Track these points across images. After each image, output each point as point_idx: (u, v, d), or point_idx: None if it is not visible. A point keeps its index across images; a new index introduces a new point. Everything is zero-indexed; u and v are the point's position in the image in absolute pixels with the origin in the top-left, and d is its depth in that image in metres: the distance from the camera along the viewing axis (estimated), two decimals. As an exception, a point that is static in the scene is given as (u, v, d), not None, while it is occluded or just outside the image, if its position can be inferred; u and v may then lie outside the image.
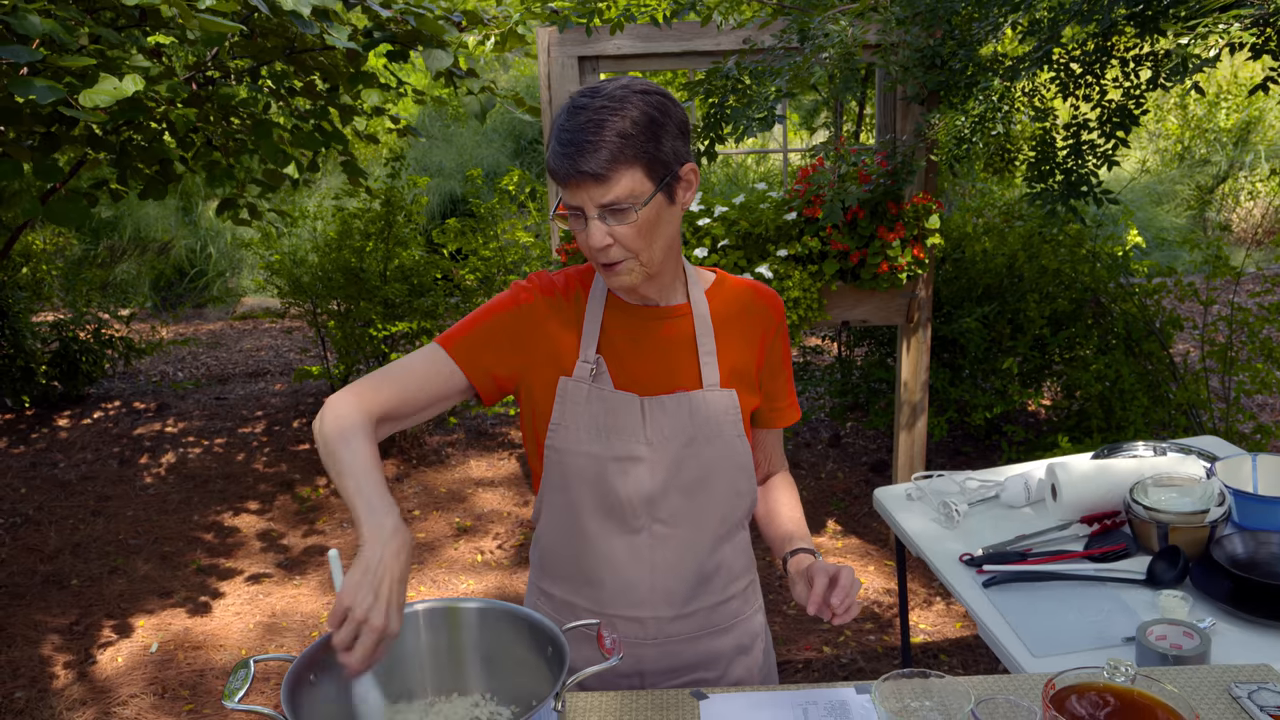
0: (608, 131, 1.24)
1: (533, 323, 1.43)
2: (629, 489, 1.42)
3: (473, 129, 9.55)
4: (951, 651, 3.18)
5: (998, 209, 4.87)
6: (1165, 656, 1.63)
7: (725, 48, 3.22)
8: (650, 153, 1.27)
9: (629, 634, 1.48)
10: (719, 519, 1.48)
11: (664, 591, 1.47)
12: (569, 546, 1.48)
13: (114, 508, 4.58)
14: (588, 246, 1.31)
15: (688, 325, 1.46)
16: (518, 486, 4.70)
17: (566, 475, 1.44)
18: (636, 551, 1.45)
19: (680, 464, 1.42)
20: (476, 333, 1.42)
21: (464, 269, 5.15)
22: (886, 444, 4.93)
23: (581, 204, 1.28)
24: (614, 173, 1.25)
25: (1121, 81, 3.04)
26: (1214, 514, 1.98)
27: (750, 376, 1.49)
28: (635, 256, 1.33)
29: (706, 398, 1.44)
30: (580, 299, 1.46)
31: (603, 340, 1.44)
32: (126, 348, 6.18)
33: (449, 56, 3.50)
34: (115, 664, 3.33)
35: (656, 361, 1.44)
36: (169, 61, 3.83)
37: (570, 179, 1.26)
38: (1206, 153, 9.97)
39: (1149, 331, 4.13)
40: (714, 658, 1.54)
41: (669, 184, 1.31)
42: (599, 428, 1.41)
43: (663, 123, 1.28)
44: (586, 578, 1.48)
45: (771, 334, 1.51)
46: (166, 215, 8.66)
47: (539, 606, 1.57)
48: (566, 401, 1.42)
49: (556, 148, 1.27)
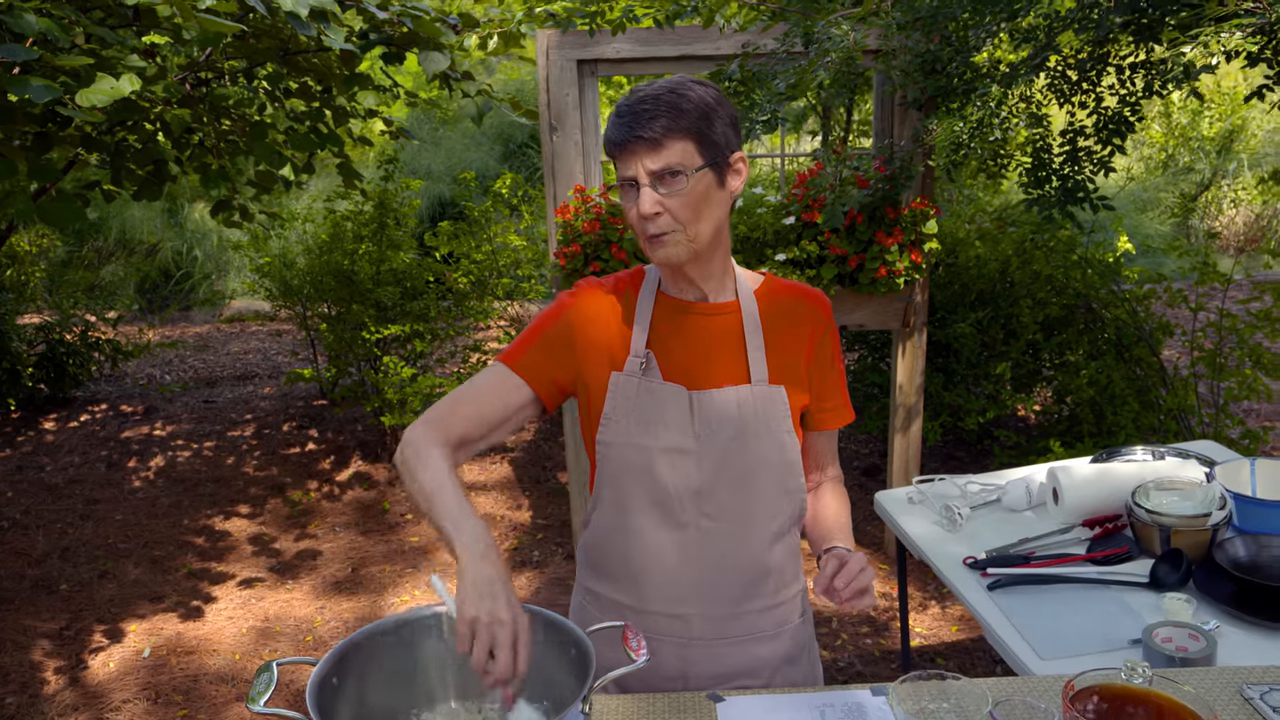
0: (663, 104, 1.31)
1: (583, 323, 1.47)
2: (676, 481, 1.44)
3: (461, 132, 9.53)
4: (949, 655, 3.19)
5: (990, 214, 4.91)
6: (1172, 659, 1.64)
7: (725, 52, 3.23)
8: (702, 130, 1.33)
9: (675, 633, 1.49)
10: (767, 516, 1.49)
11: (710, 589, 1.48)
12: (617, 543, 1.49)
13: (102, 511, 4.54)
14: (637, 217, 1.36)
15: (736, 322, 1.48)
16: (510, 490, 4.69)
17: (615, 469, 1.46)
18: (683, 547, 1.46)
19: (727, 458, 1.44)
20: (535, 345, 1.47)
21: (456, 272, 5.13)
22: (879, 448, 4.95)
23: (634, 173, 1.34)
24: (667, 139, 1.31)
25: (1118, 89, 3.07)
26: (1216, 517, 2.00)
27: (799, 374, 1.50)
28: (683, 229, 1.36)
29: (754, 393, 1.45)
30: (630, 298, 1.50)
31: (652, 335, 1.47)
32: (113, 350, 6.14)
33: (446, 59, 3.49)
34: (107, 669, 3.30)
35: (705, 356, 1.46)
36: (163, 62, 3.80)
37: (626, 144, 1.32)
38: (1190, 160, 10.08)
39: (1139, 337, 4.16)
40: (760, 665, 1.53)
41: (719, 165, 1.37)
42: (647, 420, 1.43)
43: (716, 108, 1.35)
44: (633, 575, 1.49)
45: (820, 333, 1.53)
46: (152, 217, 8.60)
47: (584, 607, 1.58)
48: (617, 395, 1.45)
49: (614, 120, 1.34)
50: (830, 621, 3.44)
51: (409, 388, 4.52)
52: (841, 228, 3.16)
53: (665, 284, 1.50)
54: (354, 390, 5.02)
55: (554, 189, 3.45)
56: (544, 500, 4.58)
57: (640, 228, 1.37)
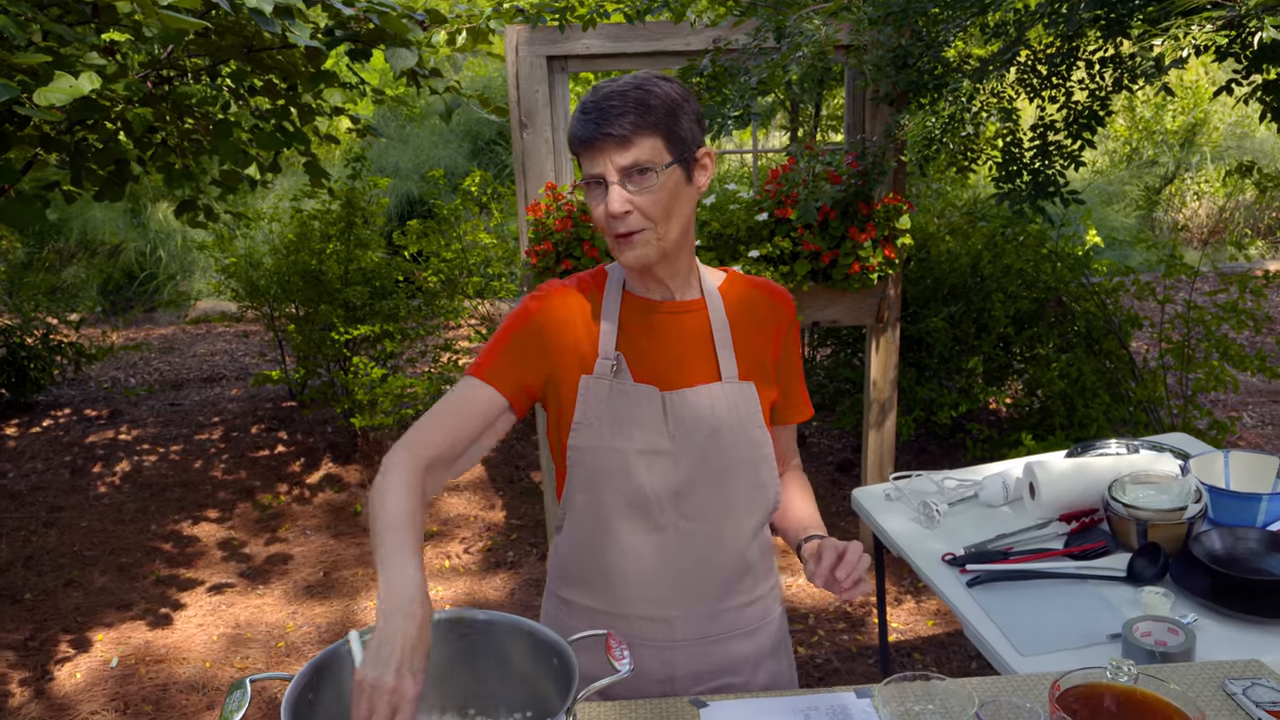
0: (630, 100, 1.30)
1: (549, 326, 1.44)
2: (654, 483, 1.42)
3: (429, 129, 9.45)
4: (925, 649, 3.20)
5: (960, 209, 4.93)
6: (1152, 653, 1.65)
7: (696, 47, 3.21)
8: (670, 127, 1.32)
9: (658, 636, 1.47)
10: (744, 513, 1.48)
11: (691, 590, 1.47)
12: (593, 549, 1.47)
13: (67, 518, 4.45)
14: (606, 216, 1.33)
15: (704, 319, 1.47)
16: (483, 491, 4.65)
17: (590, 473, 1.43)
18: (662, 549, 1.45)
19: (704, 456, 1.43)
20: (502, 353, 1.44)
21: (426, 271, 5.08)
22: (852, 444, 4.96)
23: (602, 170, 1.31)
24: (636, 136, 1.30)
25: (1087, 83, 3.08)
26: (1191, 510, 2.01)
27: (767, 369, 1.50)
28: (653, 227, 1.35)
29: (726, 390, 1.45)
30: (595, 298, 1.47)
31: (621, 336, 1.45)
32: (76, 353, 6.02)
33: (414, 55, 3.44)
34: (74, 680, 3.23)
35: (675, 355, 1.45)
36: (123, 60, 3.73)
37: (594, 141, 1.30)
38: (1154, 154, 10.18)
39: (1108, 330, 4.20)
40: (741, 661, 1.53)
41: (686, 161, 1.35)
42: (621, 422, 1.41)
43: (682, 104, 1.34)
44: (610, 580, 1.47)
45: (784, 328, 1.53)
46: (115, 217, 8.45)
47: (558, 616, 1.55)
48: (589, 399, 1.42)
49: (580, 116, 1.32)
50: (807, 618, 3.44)
51: (379, 388, 4.47)
52: (814, 224, 3.15)
53: (631, 283, 1.48)
54: (323, 391, 4.96)
55: (525, 186, 3.42)
56: (518, 500, 4.54)
57: (608, 226, 1.35)
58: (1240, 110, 10.05)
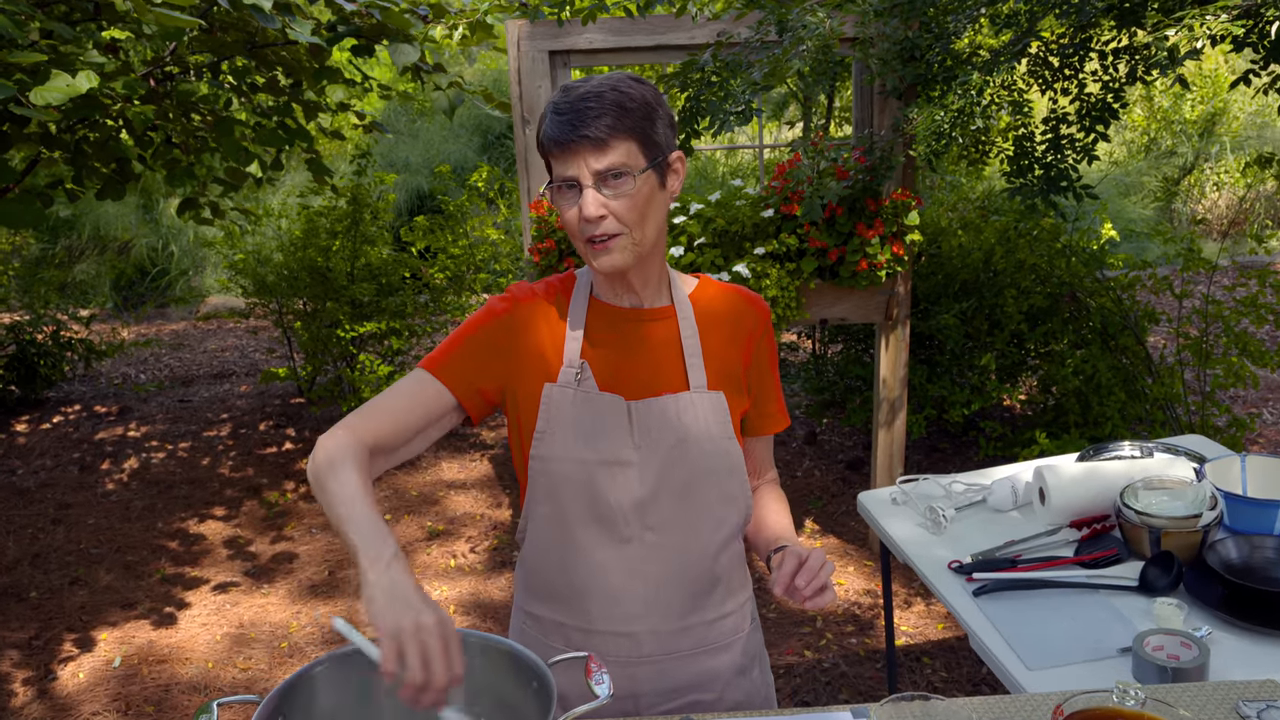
0: (607, 102, 1.25)
1: (513, 331, 1.40)
2: (618, 494, 1.37)
3: (439, 124, 9.42)
4: (934, 654, 3.15)
5: (972, 203, 4.85)
6: (1164, 669, 1.59)
7: (699, 41, 3.15)
8: (645, 130, 1.28)
9: (622, 653, 1.43)
10: (713, 525, 1.43)
11: (658, 605, 1.42)
12: (556, 562, 1.42)
13: (75, 515, 4.45)
14: (579, 220, 1.28)
15: (673, 327, 1.42)
16: (490, 489, 4.62)
17: (553, 484, 1.38)
18: (628, 562, 1.40)
19: (669, 467, 1.38)
20: (458, 351, 1.40)
21: (433, 267, 5.05)
22: (863, 441, 4.90)
23: (577, 173, 1.26)
24: (613, 139, 1.25)
25: (1101, 75, 3.01)
26: (1207, 518, 1.94)
27: (738, 379, 1.45)
28: (628, 232, 1.30)
29: (694, 399, 1.40)
30: (562, 304, 1.43)
31: (586, 344, 1.40)
32: (86, 350, 6.03)
33: (416, 51, 3.40)
34: (76, 680, 3.22)
35: (642, 364, 1.40)
36: (126, 58, 3.70)
37: (569, 144, 1.25)
38: (1172, 144, 10.05)
39: (1125, 326, 4.12)
40: (711, 678, 1.48)
41: (660, 166, 1.31)
42: (585, 433, 1.37)
43: (656, 108, 1.30)
44: (576, 594, 1.42)
45: (758, 336, 1.48)
46: (127, 214, 8.47)
47: (525, 631, 1.50)
48: (551, 408, 1.38)
49: (554, 117, 1.27)
50: (814, 621, 3.39)
51: (386, 385, 4.44)
52: (821, 220, 3.10)
53: (599, 289, 1.43)
54: (331, 389, 4.94)
55: (528, 183, 3.38)
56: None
57: (580, 231, 1.30)
58: (1261, 100, 9.89)
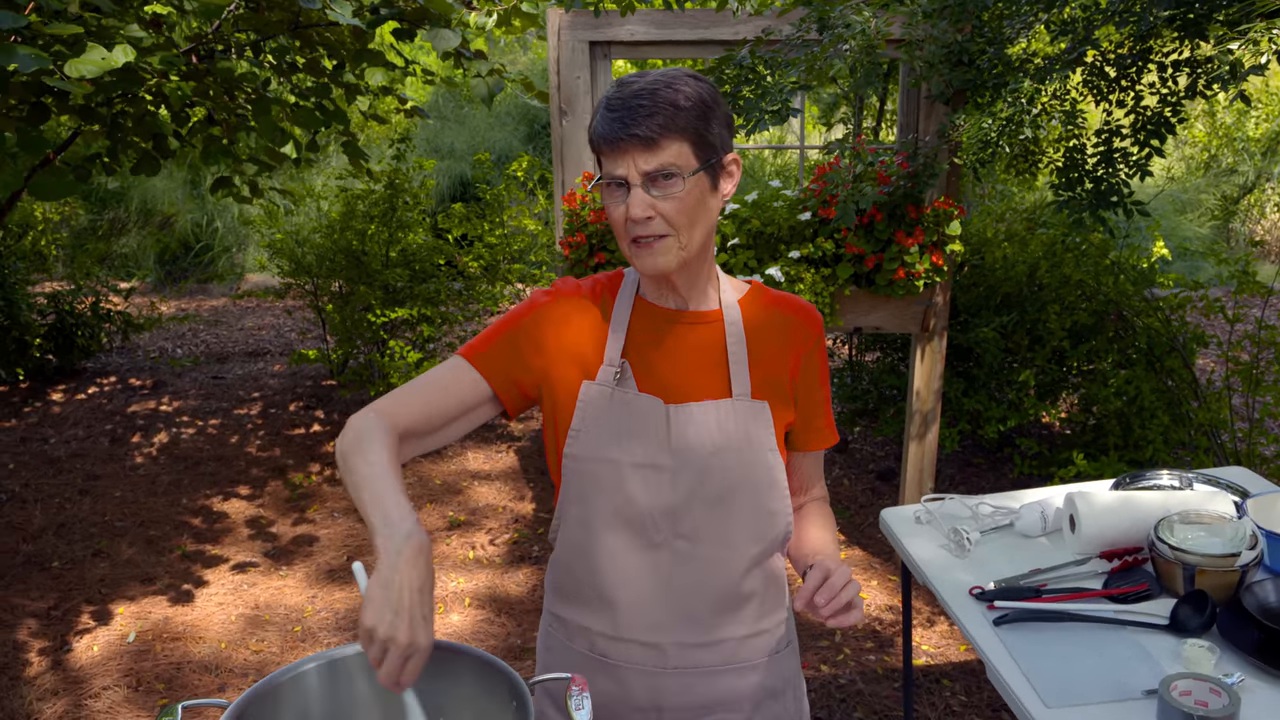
0: (660, 100, 1.21)
1: (554, 325, 1.37)
2: (649, 499, 1.33)
3: (486, 111, 9.41)
4: (955, 676, 3.06)
5: (1020, 214, 4.72)
6: (1190, 716, 1.50)
7: (743, 36, 3.08)
8: (699, 130, 1.23)
9: (648, 662, 1.39)
10: (747, 538, 1.38)
11: (685, 614, 1.37)
12: (585, 565, 1.39)
13: (102, 487, 4.48)
14: (625, 220, 1.25)
15: (718, 332, 1.38)
16: (514, 481, 4.59)
17: (584, 484, 1.35)
18: (657, 569, 1.36)
19: (705, 475, 1.33)
20: (498, 341, 1.37)
21: (468, 255, 5.02)
22: (895, 451, 4.80)
23: (625, 172, 1.23)
24: (664, 139, 1.21)
25: (1159, 88, 2.89)
26: (1245, 557, 1.85)
27: (784, 390, 1.40)
28: (675, 234, 1.26)
29: (736, 407, 1.35)
30: (607, 303, 1.39)
31: (628, 344, 1.36)
32: (125, 322, 6.09)
33: (456, 36, 3.36)
34: (91, 653, 3.23)
35: (684, 368, 1.36)
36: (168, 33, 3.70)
37: (619, 143, 1.21)
38: (1234, 162, 9.78)
39: (1172, 347, 3.98)
40: (740, 697, 1.43)
41: (713, 167, 1.27)
42: (619, 434, 1.33)
43: (712, 107, 1.25)
44: (603, 599, 1.38)
45: (808, 349, 1.42)
46: (174, 188, 8.56)
47: (551, 634, 1.48)
48: (588, 406, 1.34)
49: (605, 114, 1.23)
50: (833, 635, 3.31)
51: (415, 373, 4.42)
52: (859, 226, 3.01)
53: (645, 290, 1.40)
54: (360, 373, 4.93)
55: (562, 175, 3.33)
56: (548, 492, 4.47)
57: (626, 231, 1.26)
58: (1329, 119, 9.59)
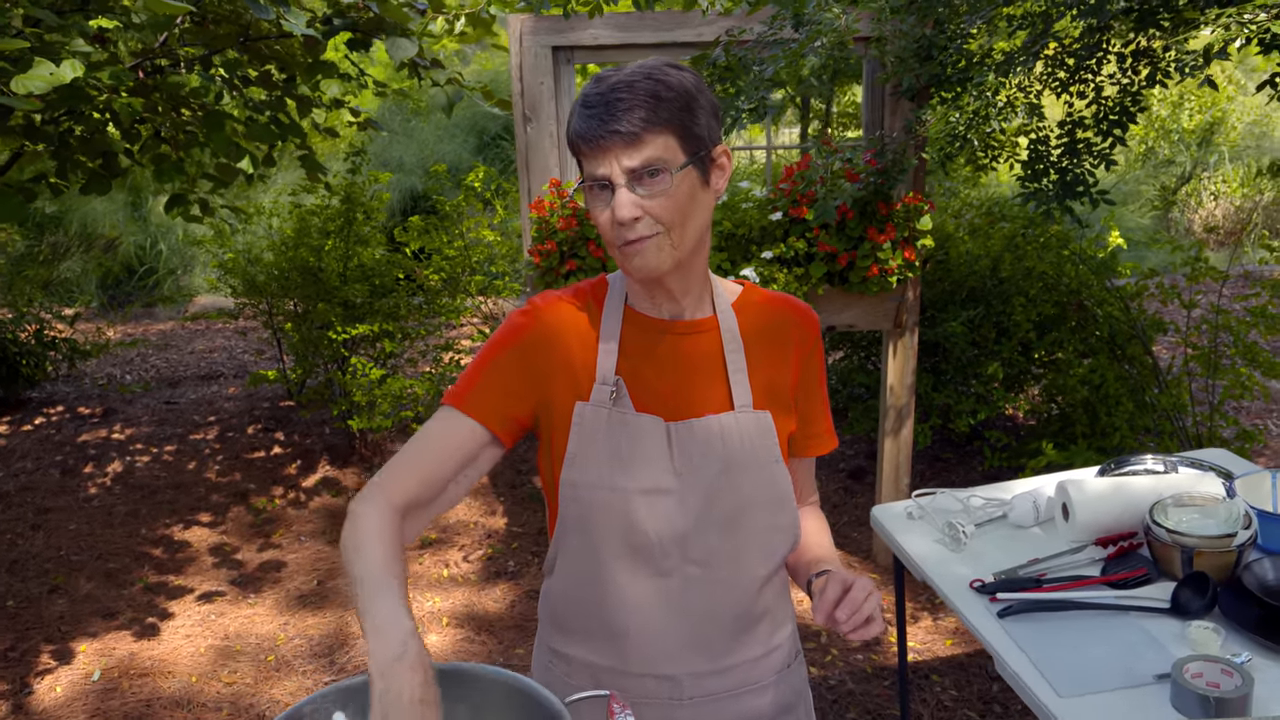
0: (640, 92, 1.13)
1: (539, 347, 1.28)
2: (658, 526, 1.25)
3: (434, 124, 9.32)
4: (943, 671, 3.05)
5: (977, 209, 4.77)
6: (1205, 698, 1.50)
7: (706, 38, 3.06)
8: (684, 122, 1.15)
9: (661, 695, 1.31)
10: (760, 558, 1.32)
11: (700, 642, 1.30)
12: (589, 597, 1.31)
13: (55, 521, 4.33)
14: (612, 222, 1.17)
15: (714, 340, 1.30)
16: (484, 497, 4.52)
17: (585, 513, 1.26)
18: (667, 597, 1.28)
19: (714, 496, 1.26)
20: (484, 379, 1.27)
21: (428, 269, 4.94)
22: (865, 450, 4.81)
23: (608, 172, 1.15)
24: (647, 134, 1.13)
25: (1119, 78, 2.93)
26: (1241, 537, 1.86)
27: (785, 397, 1.33)
28: (666, 232, 1.17)
29: (739, 420, 1.28)
30: (594, 312, 1.30)
31: (621, 359, 1.28)
32: (71, 349, 5.90)
33: (413, 45, 3.30)
34: (54, 694, 3.10)
35: (682, 381, 1.28)
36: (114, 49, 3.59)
37: (598, 141, 1.14)
38: (1170, 153, 10.00)
39: (1132, 335, 4.04)
40: (755, 719, 1.37)
41: (703, 160, 1.19)
42: (622, 458, 1.24)
43: (696, 96, 1.17)
44: (609, 632, 1.30)
45: (806, 351, 1.36)
46: (115, 210, 8.33)
47: (550, 669, 1.39)
48: (584, 429, 1.25)
49: (582, 111, 1.15)
50: (819, 636, 3.30)
51: (378, 390, 4.33)
52: (833, 224, 3.01)
53: (634, 298, 1.31)
54: (321, 392, 4.83)
55: (528, 183, 3.28)
56: (519, 506, 4.41)
57: (613, 234, 1.18)
58: (1259, 109, 9.86)
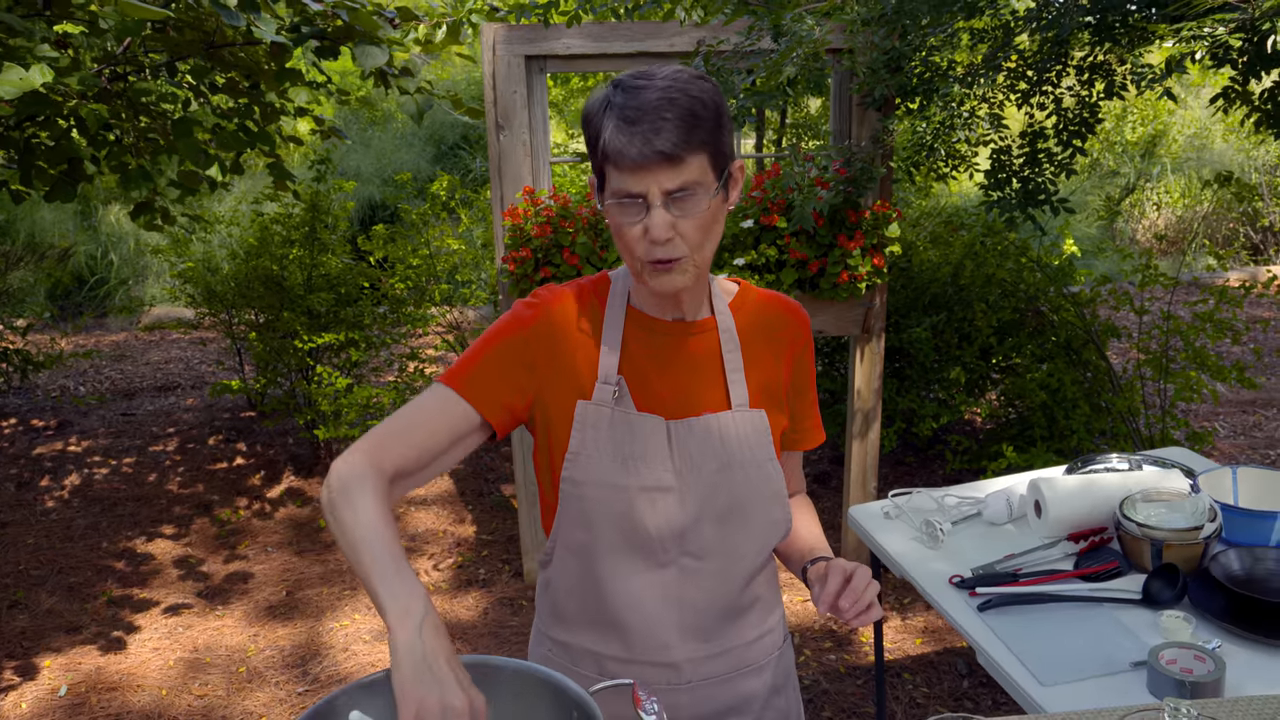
0: (681, 110, 1.12)
1: (542, 341, 1.29)
2: (658, 522, 1.28)
3: (392, 133, 9.28)
4: (914, 669, 3.11)
5: (935, 218, 4.88)
6: (1181, 683, 1.57)
7: (679, 49, 3.11)
8: (715, 141, 1.16)
9: (662, 681, 1.35)
10: (754, 550, 1.36)
11: (696, 630, 1.35)
12: (589, 589, 1.34)
13: (12, 535, 4.24)
14: (643, 240, 1.17)
15: (713, 341, 1.33)
16: (453, 505, 4.51)
17: (587, 509, 1.28)
18: (664, 588, 1.32)
19: (712, 492, 1.30)
20: (484, 363, 1.28)
21: (393, 278, 4.93)
22: (830, 454, 4.88)
23: (645, 190, 1.14)
24: (687, 154, 1.12)
25: (1078, 90, 3.03)
26: (1207, 530, 1.94)
27: (778, 396, 1.37)
28: (691, 254, 1.19)
29: (736, 419, 1.31)
30: (596, 312, 1.32)
31: (623, 358, 1.30)
32: (23, 361, 5.78)
33: (384, 53, 3.31)
34: (19, 711, 3.04)
35: (682, 381, 1.31)
36: (76, 54, 3.55)
37: (643, 159, 1.11)
38: (1114, 165, 10.28)
39: (1087, 340, 4.16)
40: (748, 700, 1.42)
41: (726, 179, 1.21)
42: (624, 456, 1.27)
43: (725, 112, 1.18)
44: (610, 622, 1.34)
45: (799, 349, 1.40)
46: (64, 219, 8.17)
47: (551, 658, 1.42)
48: (586, 428, 1.27)
49: (621, 125, 1.12)
50: (791, 637, 3.34)
51: (344, 399, 4.31)
52: (812, 230, 3.06)
53: (638, 298, 1.33)
54: (285, 402, 4.78)
55: (500, 190, 3.30)
56: (488, 515, 4.41)
57: (642, 251, 1.18)
58: (1199, 123, 10.17)
